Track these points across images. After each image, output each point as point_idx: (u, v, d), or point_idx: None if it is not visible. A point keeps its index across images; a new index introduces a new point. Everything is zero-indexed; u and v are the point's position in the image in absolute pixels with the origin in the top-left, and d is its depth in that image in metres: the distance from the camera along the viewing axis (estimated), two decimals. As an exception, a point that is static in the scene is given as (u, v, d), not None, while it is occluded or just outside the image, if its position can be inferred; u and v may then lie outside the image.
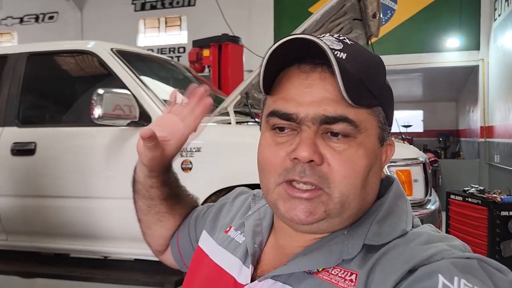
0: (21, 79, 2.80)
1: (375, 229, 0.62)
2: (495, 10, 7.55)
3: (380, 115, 0.64)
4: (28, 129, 2.75)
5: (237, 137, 2.41)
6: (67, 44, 2.93)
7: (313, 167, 0.59)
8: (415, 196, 2.13)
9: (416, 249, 0.56)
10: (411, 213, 0.66)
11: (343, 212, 0.61)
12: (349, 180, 0.60)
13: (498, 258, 3.20)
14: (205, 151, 2.36)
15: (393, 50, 8.20)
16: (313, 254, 0.63)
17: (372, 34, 2.95)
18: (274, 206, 0.64)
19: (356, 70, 0.58)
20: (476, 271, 0.52)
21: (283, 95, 0.62)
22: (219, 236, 0.82)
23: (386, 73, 0.66)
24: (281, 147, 0.62)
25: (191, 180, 2.36)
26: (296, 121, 0.61)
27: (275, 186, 0.63)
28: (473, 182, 4.96)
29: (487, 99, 8.01)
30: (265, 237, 0.73)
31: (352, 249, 0.60)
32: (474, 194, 3.58)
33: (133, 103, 2.44)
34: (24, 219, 2.71)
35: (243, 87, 2.47)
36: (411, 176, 2.10)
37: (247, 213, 0.82)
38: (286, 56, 0.61)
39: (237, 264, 0.72)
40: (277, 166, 0.62)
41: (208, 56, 4.97)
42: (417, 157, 2.18)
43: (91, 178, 2.57)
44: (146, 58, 3.13)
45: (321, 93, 0.60)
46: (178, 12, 9.92)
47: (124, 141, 2.50)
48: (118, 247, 2.57)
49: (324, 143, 0.60)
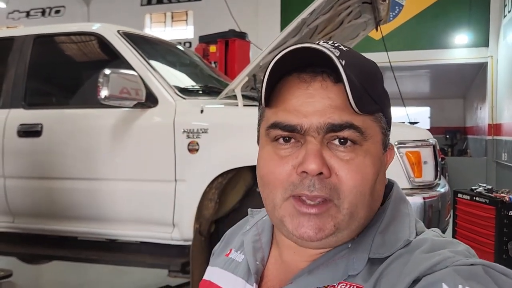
0: (27, 61, 2.80)
1: (379, 240, 0.61)
2: (505, 6, 7.48)
3: (382, 121, 0.63)
4: (34, 111, 2.74)
5: (244, 119, 2.39)
6: (73, 26, 2.93)
7: (322, 179, 0.58)
8: (425, 178, 2.09)
9: (420, 258, 0.55)
10: (413, 216, 0.65)
11: (352, 223, 0.60)
12: (358, 189, 0.58)
13: (506, 257, 3.18)
14: (212, 133, 2.34)
15: (401, 46, 8.15)
16: (319, 271, 0.61)
17: (381, 19, 2.91)
18: (280, 223, 0.62)
19: (357, 77, 0.57)
20: (480, 277, 0.51)
21: (284, 106, 0.60)
22: (220, 261, 0.79)
23: (383, 77, 0.65)
24: (286, 160, 0.60)
25: (197, 161, 2.35)
26: (300, 132, 0.59)
27: (282, 201, 0.60)
28: (480, 180, 4.91)
29: (495, 97, 7.95)
30: (266, 253, 0.71)
31: (357, 264, 0.59)
32: (481, 193, 3.54)
33: (139, 84, 2.42)
34: (30, 201, 2.71)
35: (250, 68, 2.45)
36: (421, 157, 2.07)
37: (245, 229, 0.80)
38: (284, 66, 0.60)
39: (240, 283, 0.70)
40: (283, 181, 0.60)
41: (214, 52, 4.95)
42: (427, 139, 2.15)
43: (98, 160, 2.55)
44: (152, 41, 3.11)
45: (324, 102, 0.58)
46: (185, 7, 9.93)
47: (130, 123, 2.48)
48: (124, 230, 2.55)
49: (330, 153, 0.59)
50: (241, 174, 2.45)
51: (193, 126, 2.37)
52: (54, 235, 2.73)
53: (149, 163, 2.46)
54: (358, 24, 2.95)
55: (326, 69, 0.58)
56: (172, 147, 2.38)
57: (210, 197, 2.37)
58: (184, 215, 2.39)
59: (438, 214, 2.09)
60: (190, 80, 3.05)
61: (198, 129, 2.36)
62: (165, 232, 2.46)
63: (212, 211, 2.40)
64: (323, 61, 0.57)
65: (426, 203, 2.05)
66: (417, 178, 2.07)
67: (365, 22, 2.96)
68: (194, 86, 2.86)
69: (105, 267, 4.02)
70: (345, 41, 3.11)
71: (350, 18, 2.82)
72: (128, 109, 2.47)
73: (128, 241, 2.61)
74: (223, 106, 2.56)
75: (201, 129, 2.36)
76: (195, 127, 2.36)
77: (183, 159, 2.36)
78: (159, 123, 2.45)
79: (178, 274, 3.07)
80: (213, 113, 2.47)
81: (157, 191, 2.44)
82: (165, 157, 2.39)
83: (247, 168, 2.40)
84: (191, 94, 2.67)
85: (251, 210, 0.83)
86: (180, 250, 2.48)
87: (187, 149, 2.36)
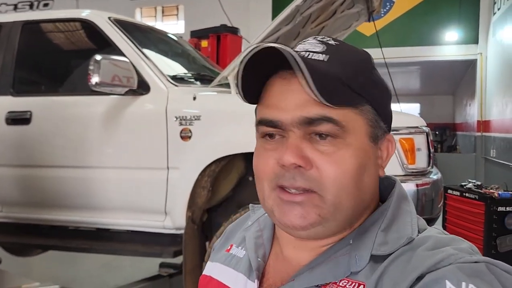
0: (15, 48, 2.75)
1: (382, 238, 0.61)
2: (495, 4, 7.54)
3: (369, 113, 0.62)
4: (23, 98, 2.70)
5: (237, 106, 2.37)
6: (63, 12, 2.88)
7: (302, 172, 0.59)
8: (418, 165, 2.09)
9: (423, 256, 0.55)
10: (415, 214, 0.65)
11: (338, 214, 0.60)
12: (340, 181, 0.59)
13: (494, 253, 3.23)
14: (205, 120, 2.32)
15: (392, 42, 8.17)
16: (320, 268, 0.62)
17: (374, 10, 2.91)
18: (271, 213, 0.64)
19: (336, 70, 0.57)
20: (484, 274, 0.51)
21: (267, 103, 0.63)
22: (220, 256, 0.79)
23: (374, 68, 0.65)
24: (271, 154, 0.62)
25: (190, 149, 2.33)
26: (282, 128, 0.61)
27: (269, 192, 0.63)
28: (469, 176, 4.96)
29: (484, 93, 8.03)
30: (267, 249, 0.71)
31: (359, 261, 0.59)
32: (471, 189, 3.58)
33: (131, 71, 2.39)
34: (19, 190, 2.66)
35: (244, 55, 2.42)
36: (414, 144, 2.07)
37: (246, 225, 0.80)
38: (266, 65, 0.60)
39: (242, 279, 0.70)
40: (268, 173, 0.62)
41: (206, 47, 4.91)
42: (420, 126, 2.15)
43: (89, 148, 2.52)
44: (144, 29, 3.07)
45: (301, 97, 0.59)
46: (175, 1, 9.87)
47: (122, 110, 2.45)
48: (116, 219, 2.52)
49: (311, 146, 0.60)
50: (234, 162, 2.43)
51: (186, 113, 2.34)
52: (44, 224, 2.69)
53: (141, 150, 2.43)
54: (351, 14, 2.95)
55: None
56: (164, 135, 2.35)
57: (202, 185, 2.35)
58: (176, 203, 2.37)
59: (431, 201, 2.10)
60: (182, 68, 3.02)
61: (191, 116, 2.33)
62: (157, 221, 2.44)
63: (205, 199, 2.38)
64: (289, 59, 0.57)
65: (420, 189, 2.06)
66: (410, 165, 2.07)
67: (358, 13, 2.96)
68: (186, 74, 2.83)
69: (96, 262, 3.99)
70: (338, 31, 3.10)
71: (343, 8, 2.82)
72: (120, 96, 2.44)
73: (120, 230, 2.58)
74: (216, 94, 2.54)
75: (194, 116, 2.33)
76: (188, 114, 2.34)
77: (176, 146, 2.34)
78: (151, 110, 2.42)
79: (169, 270, 3.06)
80: (206, 100, 2.45)
81: (149, 179, 2.42)
82: (158, 145, 2.37)
83: (240, 156, 2.38)
84: (184, 81, 2.65)
85: (252, 206, 0.83)
86: (173, 239, 2.46)
87: (180, 136, 2.33)
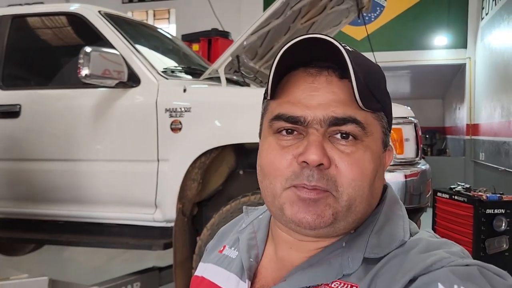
0: (4, 41, 2.74)
1: (374, 240, 0.61)
2: (483, 9, 7.65)
3: (383, 120, 0.64)
4: (12, 92, 2.68)
5: (227, 98, 2.38)
6: (53, 6, 2.88)
7: (322, 170, 0.59)
8: (406, 155, 2.11)
9: (416, 258, 0.56)
10: (407, 218, 0.66)
11: (349, 215, 0.60)
12: (357, 182, 0.59)
13: (483, 255, 3.26)
14: (195, 112, 2.32)
15: (382, 47, 8.24)
16: (313, 269, 0.61)
17: (363, 7, 2.94)
18: (280, 211, 0.62)
19: (362, 75, 0.58)
20: (475, 277, 0.52)
21: (289, 98, 0.62)
22: (213, 257, 0.79)
23: (386, 80, 0.67)
24: (287, 150, 0.61)
25: (180, 141, 2.33)
26: (303, 124, 0.60)
27: (281, 191, 0.61)
28: (458, 179, 5.01)
29: (473, 97, 8.11)
30: (260, 250, 0.71)
31: (352, 263, 0.60)
32: (460, 192, 3.63)
33: (121, 64, 2.39)
34: (8, 184, 2.64)
35: (234, 48, 2.44)
36: (402, 134, 2.09)
37: (240, 227, 0.80)
38: (290, 59, 0.61)
39: (234, 279, 0.70)
40: (284, 170, 0.60)
41: (197, 50, 4.92)
42: (408, 116, 2.17)
43: (78, 140, 2.51)
44: (134, 23, 3.08)
45: (328, 96, 0.60)
46: (167, 5, 9.87)
47: (112, 103, 2.45)
48: (105, 212, 2.51)
49: (331, 145, 0.60)
50: (224, 155, 2.43)
51: (176, 105, 2.35)
52: (33, 218, 2.67)
53: (131, 143, 2.43)
54: (341, 11, 2.98)
55: (331, 64, 0.60)
56: (154, 127, 2.35)
57: (193, 177, 2.35)
58: (166, 196, 2.36)
59: (419, 190, 2.12)
60: (173, 62, 3.03)
61: (181, 108, 2.34)
62: (147, 214, 2.43)
63: (195, 191, 2.38)
64: (329, 55, 0.58)
65: (408, 180, 2.08)
66: (398, 155, 2.09)
67: (347, 9, 2.99)
68: (177, 67, 2.84)
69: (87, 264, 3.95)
70: (328, 27, 3.14)
71: (333, 3, 2.85)
72: (110, 89, 2.44)
73: (110, 223, 2.56)
74: (206, 86, 2.55)
75: (184, 108, 2.34)
76: (178, 106, 2.34)
77: (166, 138, 2.34)
78: (141, 103, 2.42)
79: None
80: (196, 92, 2.45)
81: (140, 172, 2.41)
82: (148, 137, 2.36)
83: (231, 149, 2.39)
84: (174, 75, 2.65)
85: (246, 208, 0.83)
86: (163, 231, 2.45)
87: (170, 128, 2.33)
